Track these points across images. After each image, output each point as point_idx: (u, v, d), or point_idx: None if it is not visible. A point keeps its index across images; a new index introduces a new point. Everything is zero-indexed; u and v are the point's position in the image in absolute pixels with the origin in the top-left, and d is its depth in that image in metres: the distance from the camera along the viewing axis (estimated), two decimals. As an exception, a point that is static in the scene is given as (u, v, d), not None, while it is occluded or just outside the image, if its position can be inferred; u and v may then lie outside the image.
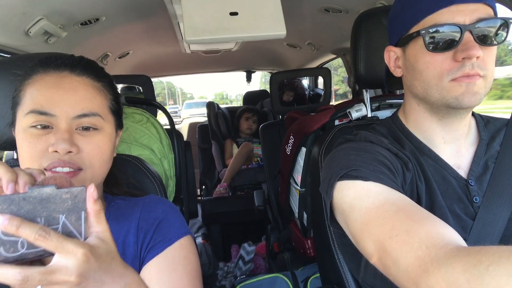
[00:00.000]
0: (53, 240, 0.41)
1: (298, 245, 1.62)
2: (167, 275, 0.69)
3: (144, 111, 1.32)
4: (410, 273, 0.50)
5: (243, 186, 2.88)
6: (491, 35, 0.68)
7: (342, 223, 0.69)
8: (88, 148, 0.66)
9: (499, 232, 0.71)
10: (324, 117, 1.27)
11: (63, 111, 0.64)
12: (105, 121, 0.70)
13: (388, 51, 0.81)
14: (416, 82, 0.74)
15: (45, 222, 0.43)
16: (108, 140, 0.70)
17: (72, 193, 0.45)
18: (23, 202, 0.42)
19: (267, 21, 1.16)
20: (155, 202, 0.78)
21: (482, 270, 0.41)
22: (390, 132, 0.83)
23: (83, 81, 0.69)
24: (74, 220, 0.45)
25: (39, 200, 0.43)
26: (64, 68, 0.68)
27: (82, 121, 0.66)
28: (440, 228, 0.53)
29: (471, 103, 0.68)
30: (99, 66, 0.75)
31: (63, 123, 0.64)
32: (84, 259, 0.43)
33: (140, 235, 0.73)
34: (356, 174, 0.66)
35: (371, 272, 0.79)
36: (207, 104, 3.43)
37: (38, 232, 0.41)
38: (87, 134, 0.67)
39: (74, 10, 1.41)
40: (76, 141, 0.65)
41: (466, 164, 0.77)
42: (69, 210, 0.45)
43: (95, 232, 0.47)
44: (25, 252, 0.42)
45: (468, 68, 0.66)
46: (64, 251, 0.42)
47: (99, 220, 0.47)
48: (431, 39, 0.69)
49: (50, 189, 0.44)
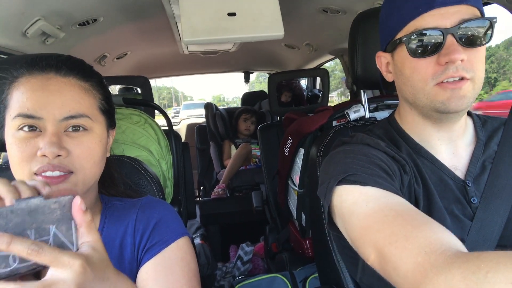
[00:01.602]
0: (46, 254, 0.41)
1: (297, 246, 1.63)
2: (164, 276, 0.68)
3: (142, 112, 1.32)
4: (409, 279, 0.50)
5: (241, 187, 2.88)
6: (476, 36, 0.67)
7: (341, 228, 0.69)
8: (78, 151, 0.65)
9: (497, 232, 0.71)
10: (322, 118, 1.27)
11: (50, 113, 0.63)
12: (94, 121, 0.69)
13: (379, 57, 0.82)
14: (405, 87, 0.74)
15: (36, 234, 0.43)
16: (98, 141, 0.69)
17: (60, 203, 0.45)
18: (11, 215, 0.42)
19: (265, 21, 1.16)
20: (152, 204, 0.78)
21: (481, 277, 0.42)
22: (386, 134, 0.83)
23: (70, 82, 0.67)
24: (64, 230, 0.45)
25: (28, 211, 0.42)
26: (50, 69, 0.67)
27: (70, 122, 0.65)
28: (439, 233, 0.53)
29: (458, 107, 0.68)
30: (87, 66, 0.74)
31: (50, 126, 0.63)
32: (81, 270, 0.42)
33: (137, 237, 0.72)
34: (354, 179, 0.66)
35: (369, 272, 0.79)
36: (205, 105, 3.42)
37: (30, 247, 0.40)
38: (76, 136, 0.66)
39: (72, 11, 1.41)
40: (65, 144, 0.64)
41: (463, 164, 0.77)
42: (58, 220, 0.44)
43: (87, 242, 0.46)
44: (17, 267, 0.41)
45: (452, 71, 0.66)
46: (60, 264, 0.41)
47: (90, 230, 0.47)
48: (414, 45, 0.69)
49: (38, 200, 0.43)
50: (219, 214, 2.72)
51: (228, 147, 3.19)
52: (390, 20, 0.74)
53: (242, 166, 2.96)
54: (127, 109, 1.31)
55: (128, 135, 1.22)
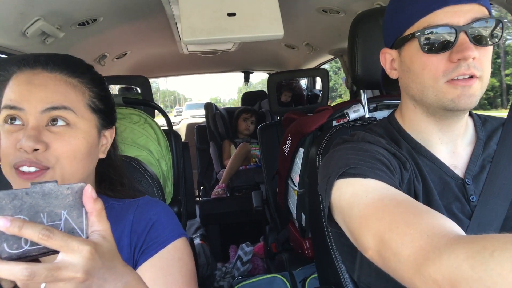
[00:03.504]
0: (57, 239, 0.41)
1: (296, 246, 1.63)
2: (161, 277, 0.68)
3: (141, 112, 1.32)
4: (411, 263, 0.49)
5: (241, 186, 2.88)
6: (486, 35, 0.68)
7: (340, 222, 0.69)
8: (57, 145, 0.64)
9: (495, 231, 0.71)
10: (321, 117, 1.27)
11: (31, 105, 0.64)
12: (79, 117, 0.68)
13: (383, 53, 0.81)
14: (412, 84, 0.74)
15: (48, 218, 0.44)
16: (82, 137, 0.68)
17: (73, 189, 0.45)
18: (26, 197, 0.43)
19: (265, 21, 1.16)
20: (149, 204, 0.77)
21: (486, 256, 0.40)
22: (387, 133, 0.83)
23: (55, 77, 0.68)
24: (75, 216, 0.45)
25: (41, 195, 0.44)
26: (37, 65, 0.68)
27: (52, 114, 0.65)
28: (440, 219, 0.53)
29: (468, 105, 0.68)
30: (80, 64, 0.74)
31: (32, 119, 0.63)
32: (90, 256, 0.43)
33: (133, 238, 0.72)
34: (355, 172, 0.66)
35: (366, 269, 0.79)
36: (205, 105, 3.42)
37: (41, 232, 0.41)
38: (57, 130, 0.65)
39: (71, 11, 1.41)
40: (44, 138, 0.63)
41: (463, 163, 0.77)
42: (70, 206, 0.45)
43: (97, 231, 0.47)
44: (29, 249, 0.42)
45: (463, 68, 0.66)
46: (69, 249, 0.42)
47: (101, 219, 0.47)
48: (426, 41, 0.69)
49: (52, 184, 0.44)
50: (219, 214, 2.72)
51: (228, 147, 3.19)
52: (400, 16, 0.74)
53: (242, 166, 2.96)
54: (127, 109, 1.31)
55: (127, 134, 1.22)
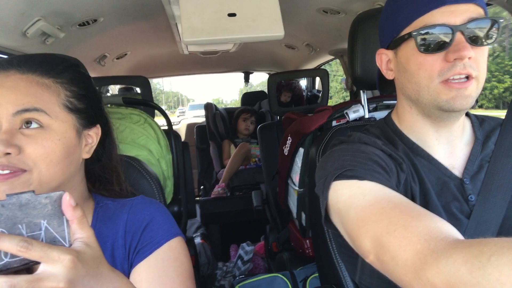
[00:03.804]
0: (36, 250, 0.41)
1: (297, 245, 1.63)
2: (157, 277, 0.68)
3: (141, 112, 1.32)
4: (409, 266, 0.49)
5: (241, 186, 2.88)
6: (482, 36, 0.68)
7: (337, 224, 0.69)
8: (30, 149, 0.63)
9: (494, 230, 0.71)
10: (321, 118, 1.28)
11: (3, 108, 0.63)
12: (53, 118, 0.66)
13: (379, 54, 0.81)
14: (408, 84, 0.74)
15: (27, 229, 0.43)
16: (56, 139, 0.66)
17: (51, 198, 0.45)
18: (2, 209, 0.42)
19: (265, 22, 1.16)
20: (143, 204, 0.77)
21: (484, 261, 0.41)
22: (383, 134, 0.83)
23: (27, 78, 0.67)
24: (56, 225, 0.44)
25: (18, 206, 0.43)
26: (10, 67, 0.67)
27: (24, 116, 0.64)
28: (438, 222, 0.53)
29: (463, 106, 0.68)
30: (58, 62, 0.72)
31: (4, 122, 0.63)
32: (71, 266, 0.42)
33: (128, 238, 0.72)
34: (351, 174, 0.66)
35: (367, 271, 0.79)
36: (205, 105, 3.42)
37: (19, 244, 0.40)
38: (30, 133, 0.64)
39: (72, 11, 1.41)
40: (17, 141, 0.62)
41: (461, 163, 0.78)
42: (50, 215, 0.44)
43: (80, 238, 0.46)
44: (9, 261, 0.41)
45: (459, 68, 0.66)
46: (50, 259, 0.41)
47: (82, 226, 0.46)
48: (423, 41, 0.69)
49: (29, 194, 0.43)
50: (220, 213, 2.72)
51: (228, 147, 3.19)
52: (397, 16, 0.74)
53: (242, 166, 2.97)
54: (127, 109, 1.31)
55: (127, 134, 1.23)
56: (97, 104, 0.78)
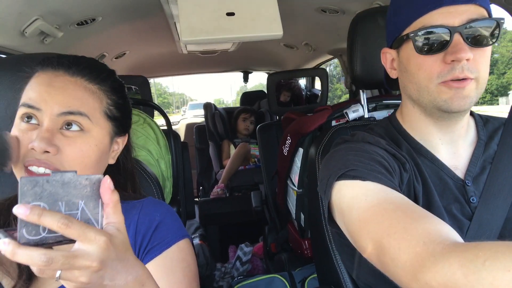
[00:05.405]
0: (75, 228, 0.42)
1: (296, 246, 1.62)
2: (165, 277, 0.68)
3: (140, 112, 1.31)
4: (408, 268, 0.50)
5: (241, 187, 2.88)
6: (483, 36, 0.67)
7: (340, 223, 0.69)
8: (69, 150, 0.65)
9: (496, 232, 0.71)
10: (321, 117, 1.27)
11: (48, 106, 0.64)
12: (94, 124, 0.68)
13: (384, 53, 0.82)
14: (409, 84, 0.74)
15: (66, 206, 0.44)
16: (94, 144, 0.68)
17: (91, 180, 0.46)
18: (46, 185, 0.43)
19: (264, 21, 1.16)
20: (153, 205, 0.78)
21: (478, 265, 0.42)
22: (387, 133, 0.83)
23: (76, 81, 0.68)
24: (92, 207, 0.46)
25: (61, 183, 0.44)
26: (60, 67, 0.68)
27: (67, 118, 0.65)
28: (437, 225, 0.53)
29: (461, 107, 0.68)
30: (103, 69, 0.74)
31: (47, 121, 0.64)
32: (105, 247, 0.43)
33: (138, 238, 0.72)
34: (354, 174, 0.66)
35: (365, 269, 0.79)
36: (204, 105, 3.42)
37: (60, 220, 0.41)
38: (70, 135, 0.65)
39: (70, 10, 1.41)
40: (57, 141, 0.64)
41: (464, 164, 0.77)
42: (87, 197, 0.46)
43: (112, 222, 0.47)
44: (46, 236, 0.42)
45: (458, 71, 0.66)
46: (86, 239, 0.42)
47: (116, 211, 0.48)
48: (421, 42, 0.69)
49: (71, 174, 0.45)
50: (218, 214, 2.72)
51: (227, 147, 3.19)
52: (397, 16, 0.74)
53: (241, 166, 2.96)
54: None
55: (126, 135, 1.22)
56: (130, 114, 0.81)
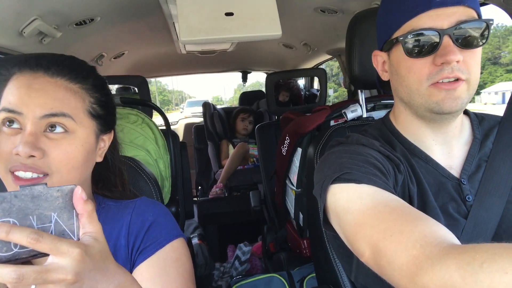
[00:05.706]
0: (46, 242, 0.41)
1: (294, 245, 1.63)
2: (159, 278, 0.68)
3: (139, 112, 1.32)
4: (405, 271, 0.50)
5: (239, 186, 2.88)
6: (472, 38, 0.67)
7: (336, 226, 0.69)
8: (54, 153, 0.63)
9: (492, 230, 0.71)
10: (319, 117, 1.28)
11: (30, 110, 0.62)
12: (78, 124, 0.67)
13: (375, 56, 0.82)
14: (400, 87, 0.74)
15: (38, 220, 0.43)
16: (79, 145, 0.67)
17: (63, 191, 0.45)
18: (14, 200, 0.43)
19: (262, 21, 1.16)
20: (146, 205, 0.77)
21: (476, 267, 0.42)
22: (381, 134, 0.83)
23: (56, 82, 0.66)
24: (66, 218, 0.45)
25: (31, 197, 0.43)
26: (39, 68, 0.66)
27: (50, 120, 0.64)
28: (434, 227, 0.53)
29: (453, 108, 0.68)
30: (84, 68, 0.72)
31: (30, 125, 0.62)
32: (80, 259, 0.43)
33: (130, 238, 0.72)
34: (349, 177, 0.66)
35: (363, 271, 0.79)
36: (203, 104, 3.42)
37: (29, 235, 0.40)
38: (55, 137, 0.64)
39: (69, 10, 1.40)
40: (41, 145, 0.62)
41: (459, 163, 0.77)
42: (60, 208, 0.45)
43: (88, 232, 0.47)
44: (18, 252, 0.42)
45: (447, 71, 0.66)
46: (59, 252, 0.42)
47: (91, 221, 0.47)
48: (411, 45, 0.69)
49: (41, 187, 0.44)
50: (217, 214, 2.72)
51: (226, 147, 3.19)
52: (387, 19, 0.74)
53: (240, 166, 2.96)
54: (125, 109, 1.31)
55: (125, 134, 1.22)
56: (114, 110, 0.80)
